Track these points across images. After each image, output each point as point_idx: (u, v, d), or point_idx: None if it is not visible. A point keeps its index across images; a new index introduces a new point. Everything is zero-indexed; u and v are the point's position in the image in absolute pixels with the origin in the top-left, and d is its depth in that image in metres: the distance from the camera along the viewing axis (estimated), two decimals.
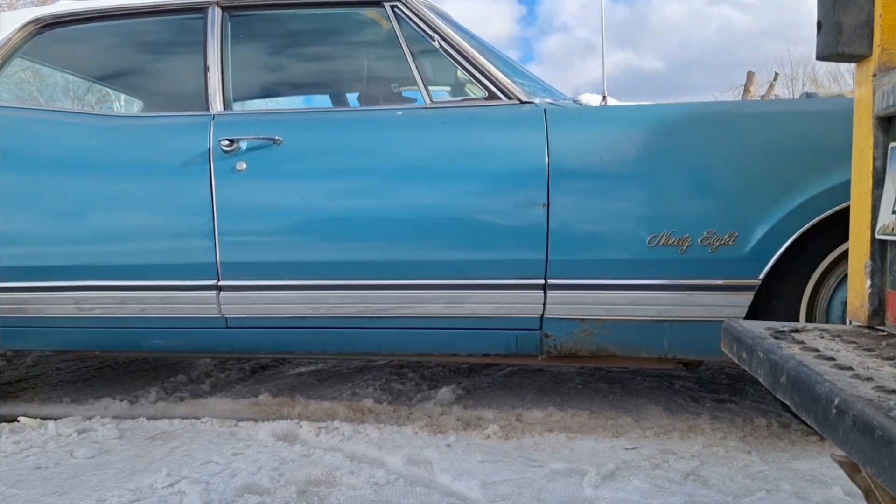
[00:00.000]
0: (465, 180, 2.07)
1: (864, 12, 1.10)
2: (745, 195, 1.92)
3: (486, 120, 2.11)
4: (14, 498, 1.64)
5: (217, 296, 2.18)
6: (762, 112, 2.14)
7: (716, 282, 1.94)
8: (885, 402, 0.71)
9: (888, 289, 1.09)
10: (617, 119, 2.10)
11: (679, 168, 1.99)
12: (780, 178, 1.89)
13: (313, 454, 1.90)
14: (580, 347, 2.10)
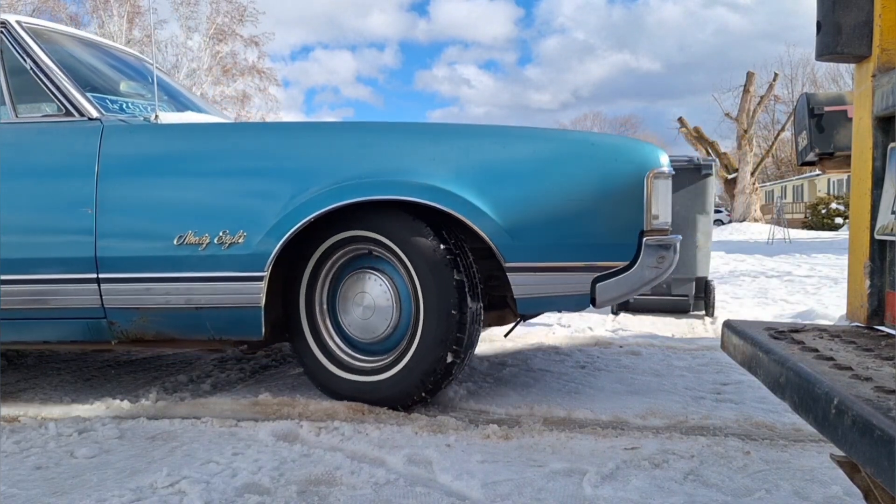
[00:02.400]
0: (32, 187, 2.37)
1: (863, 13, 1.10)
2: (251, 201, 2.32)
3: (55, 133, 2.44)
4: (15, 498, 1.64)
5: None
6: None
7: (231, 274, 2.29)
8: (885, 402, 0.72)
9: (888, 289, 1.09)
10: (161, 134, 2.45)
11: (198, 176, 2.38)
12: (274, 189, 2.30)
13: (314, 454, 1.90)
14: (143, 333, 2.40)
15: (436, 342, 2.25)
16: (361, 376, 2.39)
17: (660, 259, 2.28)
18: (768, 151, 27.67)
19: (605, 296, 2.27)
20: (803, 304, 5.00)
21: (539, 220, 2.25)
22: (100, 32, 24.40)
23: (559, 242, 2.27)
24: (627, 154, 2.34)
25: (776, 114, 39.65)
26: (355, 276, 2.43)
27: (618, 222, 2.27)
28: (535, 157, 2.32)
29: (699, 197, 4.50)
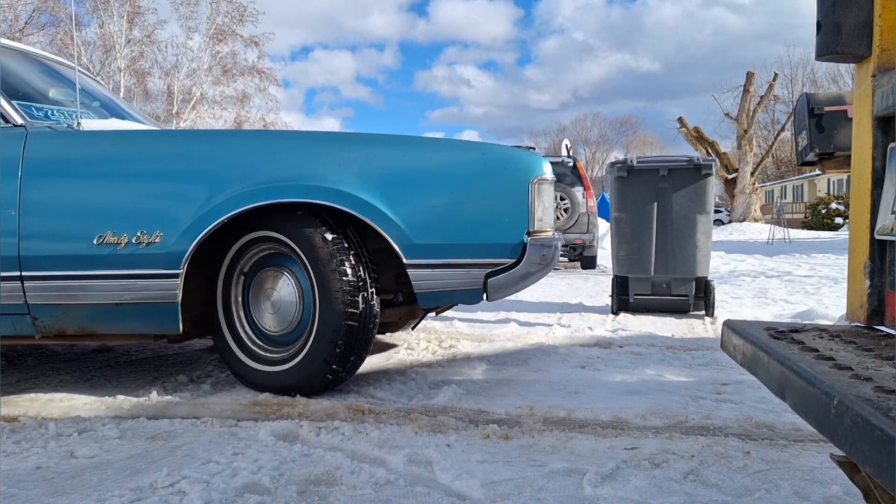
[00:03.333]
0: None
1: (863, 13, 1.10)
2: (167, 204, 2.46)
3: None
4: (15, 497, 1.64)
5: None
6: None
7: (149, 271, 2.43)
8: (885, 402, 0.72)
9: (888, 289, 1.09)
10: (83, 140, 2.58)
11: (117, 180, 2.51)
12: (189, 192, 2.46)
13: (314, 454, 1.90)
14: (65, 328, 2.52)
15: (331, 335, 2.42)
16: (271, 366, 2.56)
17: (543, 257, 2.53)
18: (768, 151, 27.67)
19: (496, 290, 2.50)
20: (803, 304, 5.00)
21: (436, 221, 2.48)
22: (100, 32, 24.43)
23: (454, 242, 2.48)
24: (514, 163, 2.58)
25: (776, 114, 39.68)
26: (266, 274, 2.63)
27: (506, 224, 2.50)
28: (433, 165, 2.55)
29: (699, 197, 4.50)
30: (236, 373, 2.64)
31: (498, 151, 2.62)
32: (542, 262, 2.52)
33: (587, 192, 8.65)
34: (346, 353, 2.45)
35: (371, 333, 2.53)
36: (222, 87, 26.87)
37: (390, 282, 2.81)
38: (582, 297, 5.64)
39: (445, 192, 2.50)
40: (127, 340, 2.69)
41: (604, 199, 15.75)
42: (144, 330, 2.53)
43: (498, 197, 2.51)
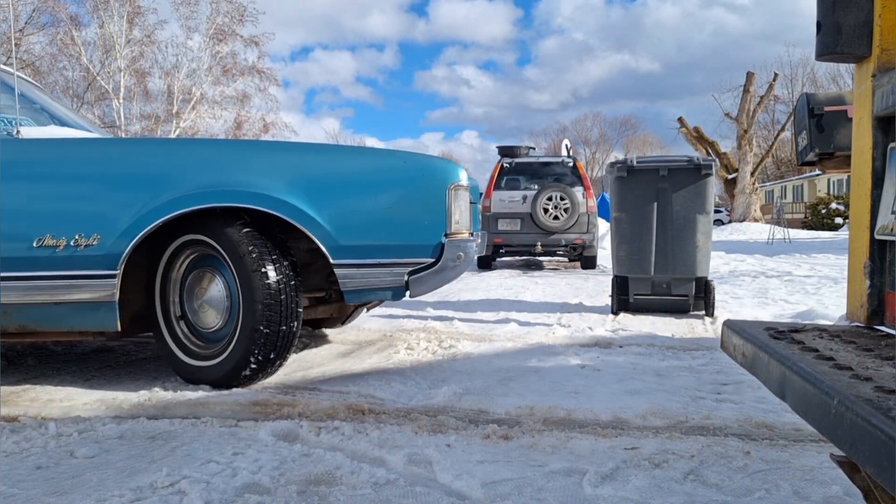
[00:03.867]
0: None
1: (863, 13, 1.10)
2: (105, 208, 2.59)
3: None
4: (15, 497, 1.64)
5: None
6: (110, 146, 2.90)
7: (87, 272, 2.56)
8: (885, 402, 0.72)
9: (888, 289, 1.09)
10: (23, 147, 2.66)
11: (56, 185, 2.64)
12: (125, 198, 2.58)
13: (314, 454, 1.90)
14: (7, 326, 2.62)
15: (255, 332, 2.57)
16: (203, 361, 2.71)
17: (459, 256, 2.75)
18: (768, 151, 27.66)
19: (417, 287, 2.72)
20: (803, 304, 5.00)
21: (360, 224, 2.67)
22: (100, 32, 24.42)
23: (378, 243, 2.68)
24: (432, 170, 2.80)
25: (776, 114, 39.66)
26: (200, 274, 2.78)
27: (425, 226, 2.72)
28: (357, 172, 2.75)
29: (699, 197, 4.50)
30: (173, 367, 2.79)
31: (417, 160, 2.85)
32: (459, 260, 2.75)
33: (587, 192, 8.65)
34: (269, 349, 2.61)
35: (294, 330, 2.68)
36: (222, 87, 26.86)
37: (322, 281, 3.03)
38: (582, 297, 5.64)
39: (369, 197, 2.70)
40: (66, 338, 2.81)
41: (604, 199, 15.75)
42: (84, 328, 2.65)
43: (418, 201, 2.73)
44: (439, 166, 2.83)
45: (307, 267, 2.98)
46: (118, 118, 24.72)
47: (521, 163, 9.07)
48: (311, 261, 2.93)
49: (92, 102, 24.82)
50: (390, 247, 2.68)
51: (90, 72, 24.33)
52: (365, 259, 2.66)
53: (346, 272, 2.66)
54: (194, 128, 26.34)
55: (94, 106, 24.96)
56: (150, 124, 25.59)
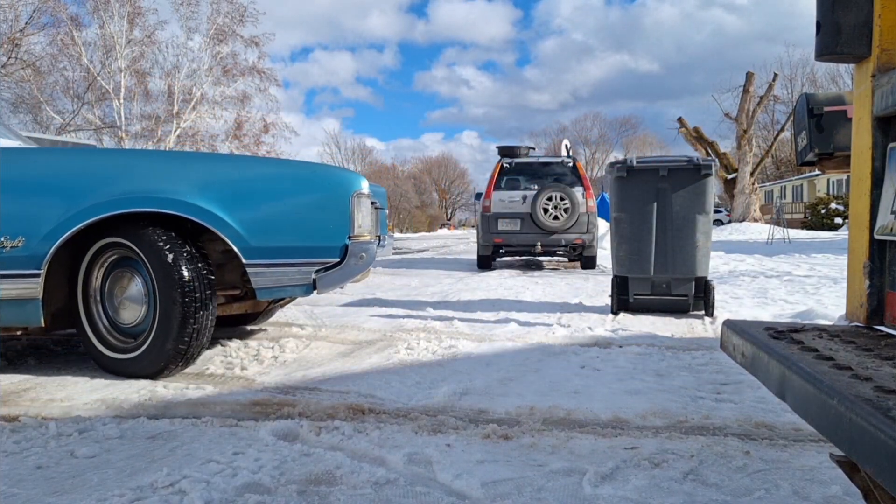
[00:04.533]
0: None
1: (863, 13, 1.10)
2: (29, 213, 2.78)
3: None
4: (15, 497, 1.64)
5: None
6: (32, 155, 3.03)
7: (12, 272, 2.76)
8: (885, 402, 0.72)
9: (887, 289, 1.09)
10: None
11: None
12: (49, 203, 2.79)
13: (314, 453, 1.90)
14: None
15: (169, 328, 2.79)
16: (122, 354, 2.92)
17: (361, 257, 3.05)
18: (768, 151, 27.65)
19: (324, 284, 3.00)
20: (803, 304, 5.00)
21: (271, 228, 2.94)
22: (100, 33, 24.42)
23: (287, 245, 2.95)
24: (336, 179, 3.10)
25: (776, 114, 39.67)
26: (120, 273, 2.98)
27: (331, 230, 3.00)
28: (268, 180, 3.02)
29: (699, 197, 4.50)
30: (95, 360, 2.97)
31: (323, 170, 3.20)
32: (361, 260, 3.06)
33: (587, 192, 8.65)
34: (184, 342, 2.82)
35: (206, 325, 2.91)
36: (223, 88, 26.88)
37: (236, 279, 3.31)
38: (582, 297, 5.64)
39: (279, 204, 2.97)
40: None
41: (604, 199, 15.75)
42: (10, 323, 2.84)
43: (323, 208, 3.02)
44: (343, 176, 3.14)
45: (222, 267, 3.25)
46: (118, 118, 24.73)
47: (521, 163, 9.07)
48: (226, 261, 3.20)
49: (92, 103, 24.81)
50: (299, 248, 2.97)
51: (91, 72, 24.33)
52: (275, 259, 2.93)
53: (257, 271, 2.93)
54: (195, 128, 26.36)
55: (95, 106, 24.96)
56: (151, 124, 25.59)
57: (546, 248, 8.69)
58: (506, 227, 8.67)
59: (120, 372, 2.89)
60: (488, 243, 8.76)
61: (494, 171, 8.91)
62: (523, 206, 8.61)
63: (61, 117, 24.14)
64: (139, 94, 25.60)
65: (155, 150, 3.21)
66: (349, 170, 3.36)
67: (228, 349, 3.45)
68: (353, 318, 4.55)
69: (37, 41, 23.11)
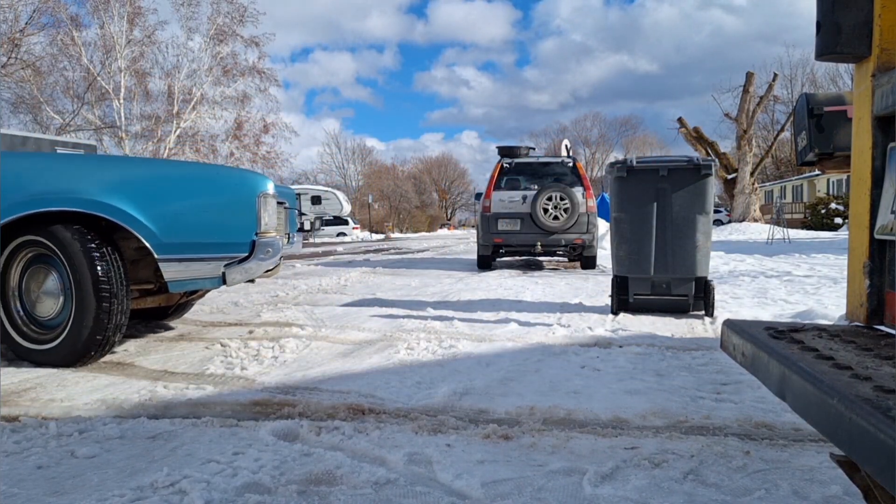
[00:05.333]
0: None
1: (863, 13, 1.10)
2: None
3: None
4: (16, 497, 1.64)
5: None
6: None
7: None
8: (885, 401, 0.72)
9: (887, 289, 1.09)
10: None
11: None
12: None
13: (314, 453, 1.90)
14: None
15: (84, 320, 3.01)
16: (40, 345, 3.12)
17: (267, 252, 3.34)
18: (768, 151, 27.64)
19: (233, 277, 3.30)
20: (803, 303, 5.00)
21: (182, 226, 3.18)
22: (100, 33, 24.42)
23: (198, 242, 3.21)
24: (243, 181, 3.39)
25: (775, 114, 39.66)
26: (37, 269, 3.18)
27: (238, 227, 3.29)
28: (179, 182, 3.28)
29: (699, 197, 4.50)
30: (13, 351, 3.16)
31: (231, 172, 3.56)
32: (267, 255, 3.34)
33: (587, 192, 8.65)
34: (99, 333, 3.04)
35: (120, 317, 3.12)
36: (223, 88, 26.87)
37: (150, 274, 3.53)
38: (582, 297, 5.64)
39: (189, 203, 3.23)
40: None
41: (604, 199, 15.76)
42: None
43: (231, 207, 3.30)
44: (250, 178, 3.43)
45: (136, 263, 3.47)
46: (118, 118, 24.73)
47: (521, 163, 9.07)
48: (139, 257, 3.42)
49: (92, 103, 24.80)
50: (208, 244, 3.23)
51: (91, 72, 24.33)
52: (186, 254, 3.18)
53: (169, 266, 3.16)
54: (195, 128, 26.36)
55: (95, 106, 24.95)
56: (151, 124, 25.59)
57: (546, 248, 8.69)
58: (506, 227, 8.67)
59: (38, 361, 3.11)
60: (488, 243, 8.76)
61: (494, 172, 8.91)
62: (523, 206, 8.61)
63: (61, 117, 24.13)
64: (139, 95, 25.60)
65: (69, 154, 3.52)
66: (256, 172, 3.63)
67: (228, 349, 3.45)
68: (353, 319, 4.55)
69: (37, 41, 23.11)
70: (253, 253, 3.28)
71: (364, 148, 69.77)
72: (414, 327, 4.11)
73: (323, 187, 33.64)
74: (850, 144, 1.19)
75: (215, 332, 4.04)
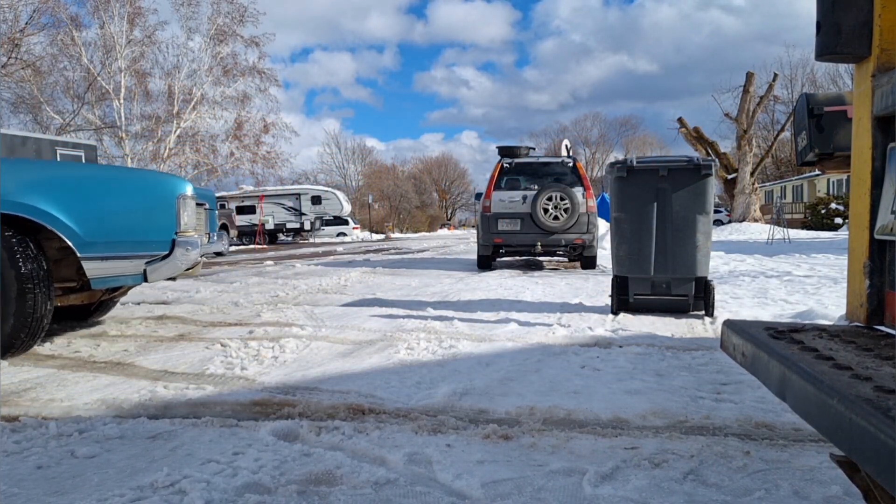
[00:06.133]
0: None
1: (863, 13, 1.10)
2: None
3: None
4: (16, 497, 1.64)
5: None
6: None
7: None
8: (885, 402, 0.72)
9: (887, 289, 1.09)
10: None
11: None
12: None
13: (314, 453, 1.90)
14: None
15: (7, 314, 3.16)
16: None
17: (186, 250, 3.58)
18: (768, 152, 27.63)
19: (153, 274, 3.52)
20: (803, 304, 5.00)
21: (104, 227, 3.38)
22: (100, 33, 24.42)
23: (120, 240, 3.42)
24: (163, 183, 3.64)
25: (776, 114, 39.66)
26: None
27: (159, 227, 3.53)
28: (102, 184, 3.47)
29: (699, 197, 4.50)
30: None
31: (152, 175, 3.81)
32: (188, 253, 3.58)
33: (587, 192, 8.65)
34: (22, 329, 3.19)
35: (43, 313, 3.27)
36: (223, 88, 26.89)
37: (73, 273, 3.64)
38: (582, 297, 5.64)
39: (111, 204, 3.43)
40: None
41: (604, 199, 15.76)
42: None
43: (152, 208, 3.54)
44: (170, 181, 3.66)
45: (60, 262, 3.58)
46: (118, 118, 24.73)
47: (521, 163, 9.07)
48: (63, 256, 3.52)
49: (92, 103, 24.81)
50: (130, 243, 3.45)
51: (91, 72, 24.34)
52: (108, 253, 3.37)
53: (91, 264, 3.34)
54: (195, 128, 26.36)
55: (95, 106, 24.96)
56: (151, 124, 25.60)
57: (546, 248, 8.69)
58: (506, 227, 8.67)
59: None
60: (488, 243, 8.76)
61: (494, 172, 8.91)
62: (523, 206, 8.61)
63: (61, 117, 24.14)
64: (139, 94, 25.62)
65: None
66: (176, 175, 3.88)
67: (228, 349, 3.46)
68: (353, 319, 4.55)
69: (37, 41, 23.11)
70: (173, 251, 3.52)
71: (364, 148, 69.84)
72: (414, 327, 4.11)
73: (323, 187, 33.66)
74: (850, 144, 1.19)
75: (215, 332, 4.04)
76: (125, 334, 4.06)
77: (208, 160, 26.75)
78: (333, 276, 8.01)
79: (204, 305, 5.40)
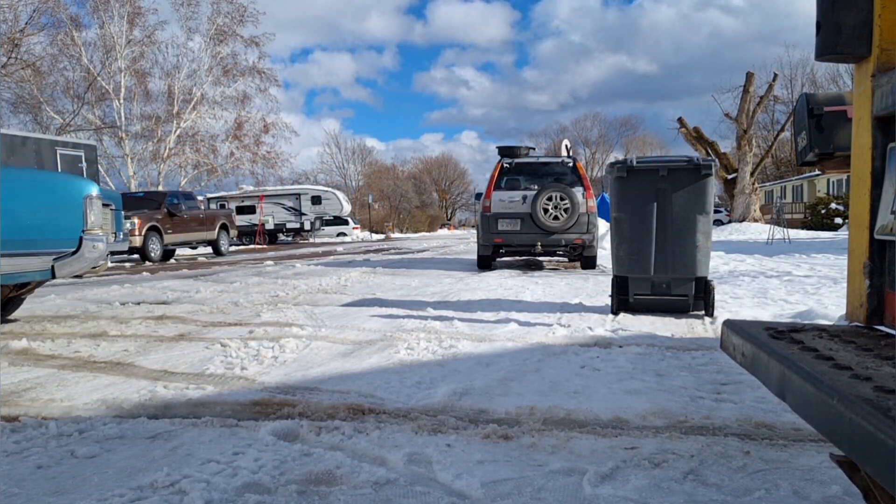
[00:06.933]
0: None
1: (863, 13, 1.10)
2: None
3: None
4: (16, 497, 1.64)
5: None
6: None
7: None
8: (885, 402, 0.72)
9: (887, 289, 1.09)
10: None
11: None
12: None
13: (314, 453, 1.90)
14: None
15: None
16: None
17: (93, 247, 3.82)
18: (768, 152, 27.62)
19: (61, 270, 3.71)
20: (803, 304, 4.99)
21: (13, 225, 3.48)
22: (100, 33, 24.43)
23: (29, 238, 3.58)
24: (71, 184, 3.87)
25: (775, 114, 39.66)
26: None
27: (67, 226, 3.72)
28: (12, 184, 3.55)
29: (699, 197, 4.50)
30: None
31: (60, 177, 4.05)
32: (95, 250, 3.81)
33: (587, 192, 8.64)
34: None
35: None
36: (223, 88, 26.90)
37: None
38: (582, 297, 5.64)
39: (19, 204, 3.55)
40: None
41: (604, 199, 15.75)
42: None
43: (59, 207, 3.72)
44: (77, 182, 3.88)
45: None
46: (118, 118, 24.74)
47: (521, 163, 9.06)
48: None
49: (92, 103, 24.82)
50: (38, 240, 3.62)
51: (91, 72, 24.35)
52: (17, 250, 3.51)
53: (2, 262, 3.46)
54: (195, 128, 26.37)
55: (95, 106, 24.97)
56: (151, 124, 25.60)
57: (546, 248, 8.68)
58: (506, 227, 8.66)
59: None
60: (488, 243, 8.76)
61: (494, 172, 8.90)
62: (523, 206, 8.61)
63: (61, 117, 24.14)
64: (139, 94, 25.64)
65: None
66: (83, 177, 4.28)
67: (228, 349, 3.45)
68: (353, 319, 4.55)
69: (37, 41, 23.12)
70: (80, 248, 3.73)
71: (364, 148, 69.78)
72: (414, 327, 4.11)
73: (323, 187, 33.65)
74: (850, 144, 1.19)
75: (215, 332, 4.04)
76: (125, 334, 4.06)
77: (208, 160, 26.76)
78: (333, 276, 8.01)
79: (204, 305, 5.40)
